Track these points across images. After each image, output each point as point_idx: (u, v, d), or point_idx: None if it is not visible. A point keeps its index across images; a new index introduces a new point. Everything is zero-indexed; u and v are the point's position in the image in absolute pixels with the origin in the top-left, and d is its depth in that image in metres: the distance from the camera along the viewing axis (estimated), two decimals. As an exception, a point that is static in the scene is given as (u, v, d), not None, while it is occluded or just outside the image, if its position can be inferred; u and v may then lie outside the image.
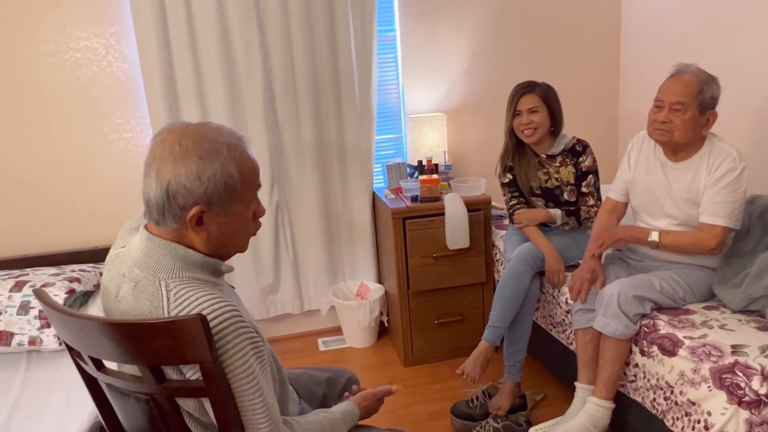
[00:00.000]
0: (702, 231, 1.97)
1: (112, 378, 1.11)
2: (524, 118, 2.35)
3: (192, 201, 1.06)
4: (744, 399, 1.53)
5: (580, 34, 3.23)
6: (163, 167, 1.05)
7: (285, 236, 2.99)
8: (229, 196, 1.09)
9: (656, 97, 1.98)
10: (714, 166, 1.94)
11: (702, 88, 1.90)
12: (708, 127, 1.96)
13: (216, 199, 1.07)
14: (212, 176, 1.05)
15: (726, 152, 1.94)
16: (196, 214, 1.06)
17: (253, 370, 1.04)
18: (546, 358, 2.61)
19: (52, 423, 1.75)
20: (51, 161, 2.72)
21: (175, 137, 1.06)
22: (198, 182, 1.05)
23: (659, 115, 1.95)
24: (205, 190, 1.05)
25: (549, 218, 2.42)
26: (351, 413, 1.32)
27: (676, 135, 1.93)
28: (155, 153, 1.06)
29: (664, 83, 1.97)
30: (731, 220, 1.94)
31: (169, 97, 2.70)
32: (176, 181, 1.04)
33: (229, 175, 1.07)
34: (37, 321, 2.19)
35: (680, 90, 1.91)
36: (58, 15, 2.61)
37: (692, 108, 1.90)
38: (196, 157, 1.05)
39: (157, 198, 1.05)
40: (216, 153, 1.06)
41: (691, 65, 1.96)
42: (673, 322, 1.86)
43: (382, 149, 3.17)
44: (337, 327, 3.19)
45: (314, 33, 2.79)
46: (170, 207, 1.06)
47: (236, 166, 1.08)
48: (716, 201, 1.94)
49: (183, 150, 1.05)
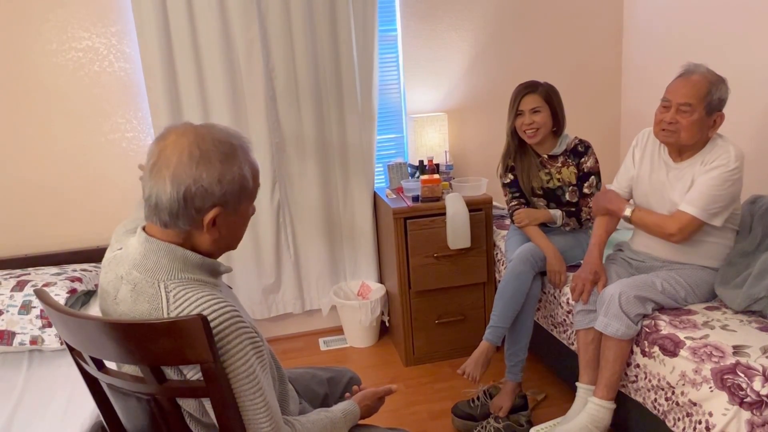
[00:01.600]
0: (671, 216, 1.96)
1: (113, 378, 1.11)
2: (526, 119, 2.34)
3: (211, 203, 1.07)
4: (745, 400, 1.52)
5: (582, 34, 3.23)
6: (182, 170, 1.05)
7: (286, 236, 2.99)
8: (242, 196, 1.11)
9: (664, 97, 1.97)
10: (709, 160, 1.94)
11: (710, 90, 1.88)
12: (715, 128, 1.94)
13: (231, 200, 1.09)
14: (232, 179, 1.08)
15: (724, 149, 1.92)
16: (213, 216, 1.08)
17: (254, 369, 1.04)
18: (547, 358, 2.61)
19: (54, 422, 1.75)
20: (53, 160, 2.72)
21: (191, 140, 1.06)
22: (219, 185, 1.06)
23: (666, 116, 1.94)
24: (224, 193, 1.07)
25: (549, 219, 2.42)
26: (352, 412, 1.32)
27: (683, 136, 1.92)
28: (168, 156, 1.05)
29: (672, 83, 1.96)
30: (704, 213, 1.91)
31: (171, 97, 2.70)
32: (196, 185, 1.05)
33: (244, 176, 1.10)
34: (39, 320, 2.20)
35: (688, 91, 1.89)
36: (60, 14, 2.61)
37: (699, 109, 1.88)
38: (217, 161, 1.06)
39: (171, 201, 1.05)
40: (234, 156, 1.08)
41: (700, 65, 1.94)
42: (674, 323, 1.85)
43: (384, 149, 3.17)
44: (338, 327, 3.19)
45: (316, 32, 2.79)
46: (186, 209, 1.06)
47: (249, 167, 1.12)
48: (696, 191, 1.92)
49: (204, 153, 1.06)
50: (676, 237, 1.95)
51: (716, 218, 1.93)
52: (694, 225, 1.93)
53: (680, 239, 1.96)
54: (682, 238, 1.96)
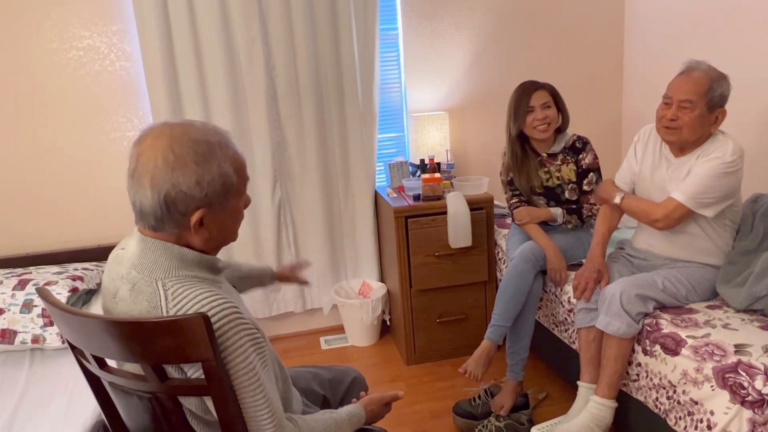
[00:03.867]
0: (658, 204, 1.97)
1: (115, 376, 1.11)
2: (539, 113, 2.34)
3: (194, 206, 1.05)
4: (747, 398, 1.52)
5: (584, 32, 3.22)
6: (159, 176, 1.03)
7: (288, 235, 2.99)
8: (227, 193, 1.09)
9: (665, 94, 1.96)
10: (706, 153, 1.93)
11: (712, 86, 1.88)
12: (717, 125, 1.94)
13: (215, 200, 1.07)
14: (211, 179, 1.05)
15: (723, 144, 1.92)
16: (199, 218, 1.06)
17: (254, 366, 1.04)
18: (548, 356, 2.61)
19: (56, 421, 1.75)
20: (54, 159, 2.72)
21: (166, 143, 1.04)
22: (198, 188, 1.04)
23: (667, 113, 1.94)
24: (206, 194, 1.05)
25: (550, 217, 2.42)
26: (357, 415, 1.32)
27: (685, 132, 1.92)
28: (145, 161, 1.04)
29: (674, 80, 1.96)
30: (691, 201, 1.90)
31: (172, 96, 2.70)
32: (175, 190, 1.03)
33: (226, 174, 1.07)
34: (40, 319, 2.20)
35: (690, 87, 1.89)
36: (61, 13, 2.61)
37: (701, 106, 1.88)
38: (193, 163, 1.04)
39: (153, 207, 1.04)
40: (211, 155, 1.06)
41: (701, 62, 1.94)
42: (675, 321, 1.85)
43: (385, 148, 3.17)
44: (339, 325, 3.19)
45: (317, 31, 2.79)
46: (170, 214, 1.05)
47: (231, 164, 1.09)
48: (688, 180, 1.92)
49: (178, 157, 1.03)
50: (660, 223, 1.95)
51: (706, 209, 1.92)
52: (679, 212, 1.92)
53: (665, 225, 1.96)
54: (667, 224, 1.95)
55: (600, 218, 2.24)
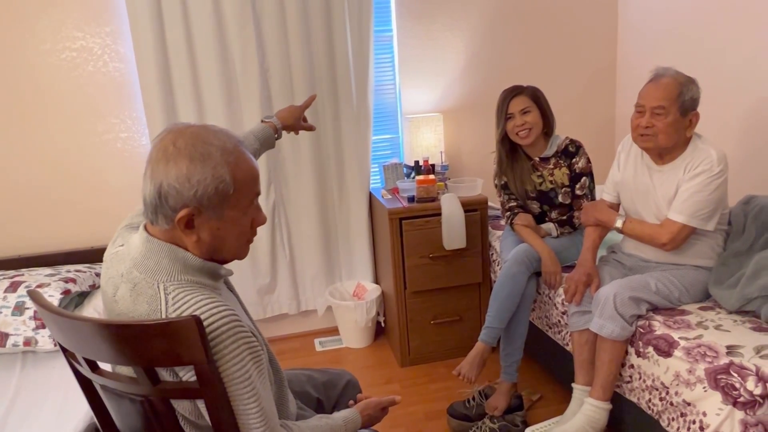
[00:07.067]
0: (662, 226, 1.99)
1: (107, 379, 1.11)
2: (518, 120, 2.34)
3: (182, 203, 1.04)
4: (739, 399, 1.53)
5: (577, 35, 3.23)
6: (156, 167, 1.04)
7: (282, 236, 2.99)
8: (222, 201, 1.07)
9: (637, 103, 2.00)
10: (691, 166, 1.95)
11: (681, 91, 1.91)
12: (691, 128, 1.97)
13: (207, 204, 1.06)
14: (202, 179, 1.04)
15: (705, 153, 1.94)
16: (184, 216, 1.05)
17: (249, 375, 1.04)
18: (542, 358, 2.61)
19: (48, 424, 1.74)
20: (47, 161, 2.71)
21: (172, 138, 1.06)
22: (188, 184, 1.03)
23: (642, 120, 1.97)
24: (195, 193, 1.04)
25: (544, 234, 2.42)
26: (353, 421, 1.31)
27: (660, 139, 1.94)
28: (152, 153, 1.06)
29: (644, 88, 1.98)
30: (693, 219, 1.93)
31: (166, 97, 2.69)
32: (167, 182, 1.03)
33: (220, 179, 1.05)
34: (32, 322, 2.19)
35: (660, 94, 1.92)
36: (54, 14, 2.60)
37: (673, 111, 1.91)
38: (186, 158, 1.04)
39: (151, 198, 1.05)
40: (208, 156, 1.05)
41: (669, 68, 1.97)
42: (668, 323, 1.86)
43: (379, 149, 3.17)
44: (333, 327, 3.19)
45: (311, 33, 2.79)
46: (162, 208, 1.05)
47: (229, 171, 1.06)
48: (683, 198, 1.94)
49: (176, 151, 1.04)
50: (668, 246, 1.98)
51: (708, 222, 1.95)
52: (685, 233, 1.96)
53: (673, 247, 1.99)
54: (674, 246, 1.99)
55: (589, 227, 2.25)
